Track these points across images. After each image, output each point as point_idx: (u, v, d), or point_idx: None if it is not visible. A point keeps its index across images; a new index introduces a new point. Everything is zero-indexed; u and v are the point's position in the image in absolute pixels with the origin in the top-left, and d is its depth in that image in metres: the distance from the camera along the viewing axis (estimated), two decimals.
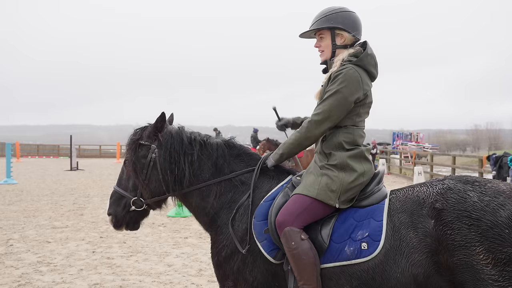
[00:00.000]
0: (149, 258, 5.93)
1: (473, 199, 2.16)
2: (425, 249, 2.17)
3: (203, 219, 2.72)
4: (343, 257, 2.30)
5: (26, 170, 21.14)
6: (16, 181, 15.20)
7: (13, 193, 12.45)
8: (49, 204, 10.52)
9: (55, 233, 7.34)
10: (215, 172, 2.70)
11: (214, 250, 2.61)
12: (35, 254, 6.01)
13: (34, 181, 15.83)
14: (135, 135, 2.77)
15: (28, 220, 8.48)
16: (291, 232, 2.30)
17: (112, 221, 2.76)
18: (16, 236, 7.10)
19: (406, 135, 32.68)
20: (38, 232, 7.38)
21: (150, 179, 2.69)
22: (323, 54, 2.62)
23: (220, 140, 2.81)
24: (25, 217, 8.79)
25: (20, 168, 21.43)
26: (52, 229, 7.70)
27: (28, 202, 10.79)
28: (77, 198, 11.56)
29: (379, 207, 2.37)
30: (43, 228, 7.77)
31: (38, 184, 14.99)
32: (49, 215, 9.05)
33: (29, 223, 8.14)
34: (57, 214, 9.12)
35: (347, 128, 2.50)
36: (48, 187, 13.97)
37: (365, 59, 2.49)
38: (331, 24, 2.53)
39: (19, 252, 6.12)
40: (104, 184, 15.25)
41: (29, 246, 6.43)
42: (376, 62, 2.57)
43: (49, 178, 17.34)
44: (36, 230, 7.58)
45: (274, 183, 2.62)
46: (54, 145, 41.61)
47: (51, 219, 8.63)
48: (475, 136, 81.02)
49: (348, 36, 2.56)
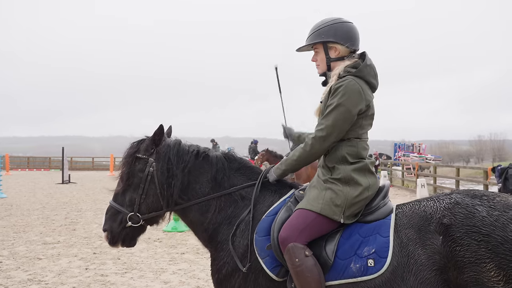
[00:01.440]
0: (145, 275, 5.79)
1: (482, 214, 2.11)
2: (433, 266, 2.11)
3: (202, 235, 2.65)
4: (349, 274, 2.23)
5: (16, 183, 20.81)
6: (5, 195, 14.92)
7: (2, 207, 12.20)
8: (40, 219, 10.32)
9: (46, 249, 7.16)
10: (214, 186, 2.63)
11: (214, 267, 2.53)
12: (25, 272, 5.84)
13: (24, 195, 15.56)
14: (131, 148, 2.70)
15: (18, 235, 8.28)
16: (295, 248, 2.23)
17: (108, 238, 2.66)
18: (5, 252, 6.92)
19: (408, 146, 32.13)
20: (28, 248, 7.20)
21: (148, 194, 2.61)
22: (318, 68, 2.60)
23: (219, 153, 2.75)
24: (15, 232, 8.59)
25: (9, 181, 21.09)
26: (43, 245, 7.52)
27: (18, 216, 10.57)
28: (69, 213, 11.35)
29: (385, 222, 2.31)
30: (34, 244, 7.59)
31: (28, 198, 14.73)
32: (40, 230, 8.86)
33: (19, 239, 7.95)
34: (49, 230, 8.93)
35: (350, 141, 2.45)
36: (39, 201, 13.73)
37: (364, 70, 2.45)
38: (322, 38, 2.49)
39: (8, 269, 5.94)
40: (97, 197, 15.03)
41: (19, 263, 6.25)
42: (376, 72, 2.53)
43: (40, 191, 17.06)
44: (26, 246, 7.40)
45: (276, 198, 2.56)
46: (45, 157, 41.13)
47: (42, 234, 8.44)
48: (479, 147, 79.97)
49: (342, 48, 2.51)
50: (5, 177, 18.70)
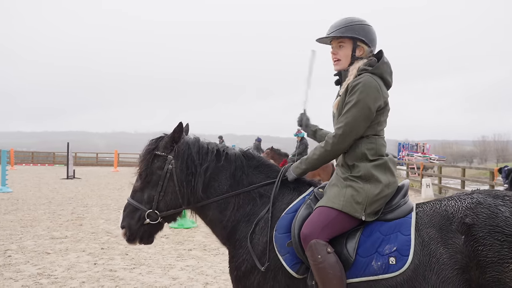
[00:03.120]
0: (153, 270, 5.81)
1: (505, 214, 2.11)
2: (455, 265, 2.11)
3: (220, 232, 2.65)
4: (370, 272, 2.23)
5: (21, 178, 20.88)
6: (11, 189, 14.99)
7: (9, 202, 12.24)
8: (46, 213, 10.35)
9: (54, 244, 7.19)
10: (233, 184, 2.63)
11: (233, 265, 2.53)
12: (34, 266, 5.86)
13: (30, 190, 15.61)
14: (150, 145, 2.70)
15: (26, 230, 8.31)
16: (318, 245, 2.23)
17: (126, 235, 2.67)
18: (14, 246, 6.95)
19: (412, 146, 31.73)
20: (36, 243, 7.23)
21: (166, 191, 2.61)
22: (339, 64, 2.55)
23: (238, 151, 2.75)
24: (22, 227, 8.62)
25: (14, 176, 21.15)
26: (51, 239, 7.55)
27: (24, 211, 10.61)
28: (75, 208, 11.39)
29: (406, 221, 2.31)
30: (42, 238, 7.62)
31: (34, 192, 14.78)
32: (47, 225, 8.89)
33: (27, 233, 7.98)
34: (55, 224, 8.96)
35: (369, 138, 2.44)
36: (44, 196, 13.77)
37: (381, 67, 2.45)
38: (355, 34, 2.48)
39: (17, 263, 5.97)
40: (102, 193, 15.06)
41: (28, 257, 6.28)
42: (392, 70, 2.53)
43: (45, 186, 17.11)
44: (34, 240, 7.43)
45: (295, 195, 2.56)
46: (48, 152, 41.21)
47: (50, 229, 8.47)
48: (482, 148, 79.34)
49: (367, 49, 2.53)
50: (10, 171, 18.73)
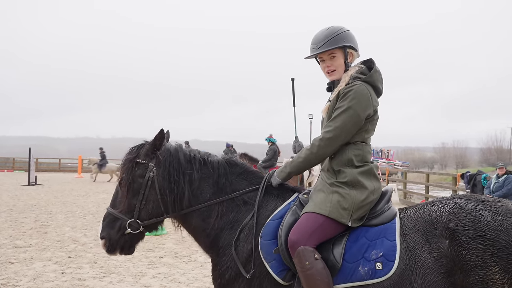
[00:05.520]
0: (124, 279, 5.64)
1: (487, 219, 2.17)
2: (440, 269, 2.15)
3: (203, 240, 2.60)
4: (357, 277, 2.24)
5: None
6: None
7: None
8: (8, 221, 9.87)
9: (18, 253, 6.86)
10: (216, 191, 2.59)
11: (216, 273, 2.49)
12: None
13: None
14: (131, 153, 2.62)
15: None
16: (305, 251, 2.22)
17: (106, 245, 2.56)
18: None
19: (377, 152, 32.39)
20: None
21: (148, 200, 2.54)
22: (334, 74, 2.55)
23: (221, 158, 2.72)
24: None
25: None
26: (14, 248, 7.20)
27: None
28: (39, 215, 10.92)
29: (391, 226, 2.34)
30: (4, 247, 7.24)
31: None
32: (9, 233, 8.47)
33: None
34: (18, 233, 8.55)
35: (356, 144, 2.47)
36: (5, 203, 13.13)
37: (374, 76, 2.49)
38: (344, 43, 2.50)
39: None
40: (66, 200, 14.53)
41: None
42: (383, 79, 2.57)
43: (5, 193, 16.32)
44: None
45: (279, 202, 2.54)
46: (7, 158, 39.42)
47: (12, 237, 8.07)
48: (442, 154, 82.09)
49: (356, 54, 2.58)
50: None
